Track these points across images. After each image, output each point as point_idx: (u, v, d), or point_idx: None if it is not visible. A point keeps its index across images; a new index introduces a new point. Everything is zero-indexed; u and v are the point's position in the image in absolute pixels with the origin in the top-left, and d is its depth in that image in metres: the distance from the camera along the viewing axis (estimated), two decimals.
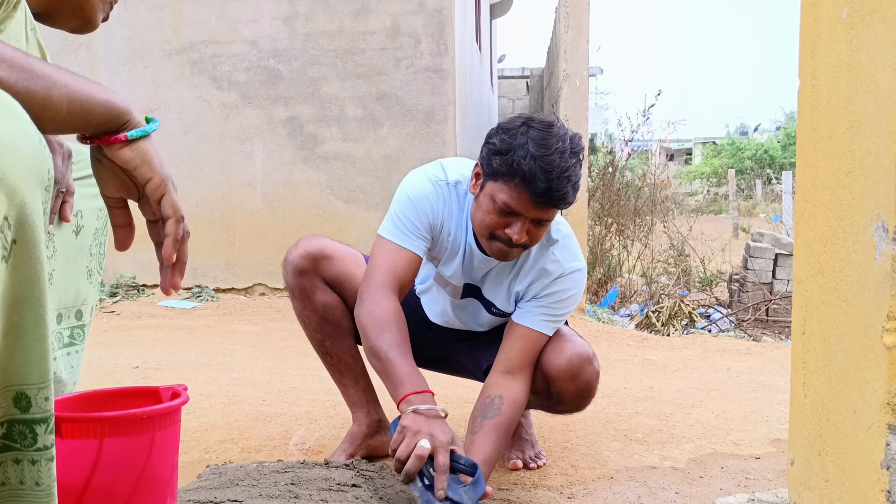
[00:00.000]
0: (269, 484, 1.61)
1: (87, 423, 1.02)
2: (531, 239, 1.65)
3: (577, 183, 1.58)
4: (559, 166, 1.53)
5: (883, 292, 0.90)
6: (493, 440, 1.69)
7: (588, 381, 1.77)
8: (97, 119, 0.88)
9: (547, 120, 1.62)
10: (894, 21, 0.87)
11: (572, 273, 1.78)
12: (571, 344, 1.78)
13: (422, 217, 1.73)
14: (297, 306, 1.99)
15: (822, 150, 1.09)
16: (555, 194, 1.54)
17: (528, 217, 1.60)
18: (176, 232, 0.95)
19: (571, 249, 1.80)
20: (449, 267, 1.84)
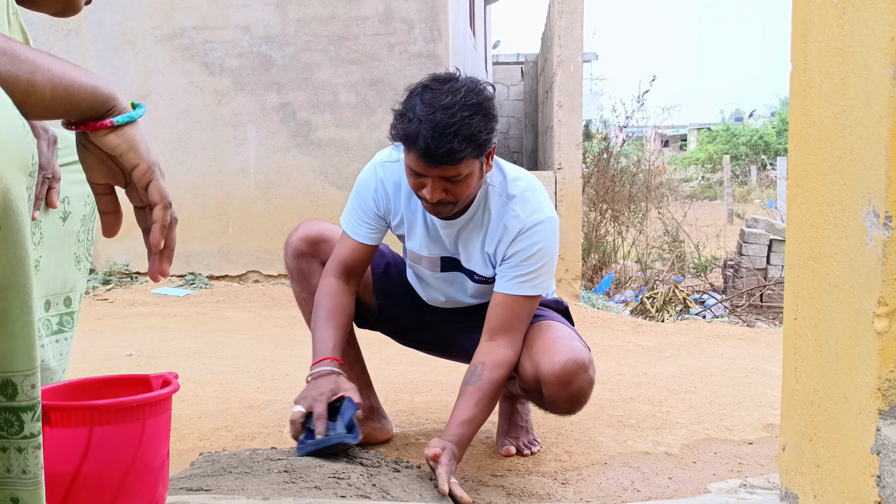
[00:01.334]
0: (262, 472, 1.61)
1: (76, 412, 1.02)
2: (454, 195, 1.66)
3: (471, 135, 1.56)
4: (440, 122, 1.53)
5: (874, 278, 0.90)
6: (472, 403, 1.70)
7: (580, 388, 1.71)
8: (82, 105, 0.87)
9: (445, 76, 1.63)
10: (885, 6, 0.87)
11: (534, 226, 1.75)
12: (568, 349, 1.71)
13: (364, 206, 1.86)
14: (296, 288, 2.02)
15: (814, 135, 1.08)
16: (437, 151, 1.54)
17: (430, 176, 1.62)
18: (163, 218, 0.94)
19: (532, 202, 1.77)
20: (415, 240, 1.87)
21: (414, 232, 1.87)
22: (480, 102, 1.59)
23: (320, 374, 1.72)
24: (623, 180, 8.48)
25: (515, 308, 1.76)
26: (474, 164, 1.63)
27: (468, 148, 1.57)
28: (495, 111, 1.65)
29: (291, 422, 1.67)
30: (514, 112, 12.33)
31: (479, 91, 1.61)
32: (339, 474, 1.59)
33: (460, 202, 1.70)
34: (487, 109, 1.61)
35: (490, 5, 12.05)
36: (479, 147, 1.60)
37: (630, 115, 9.22)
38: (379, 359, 3.00)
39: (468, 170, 1.62)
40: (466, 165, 1.61)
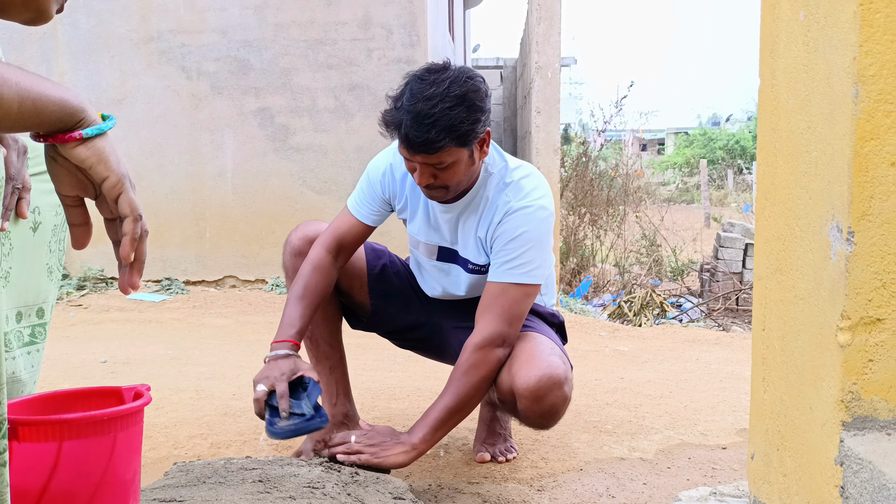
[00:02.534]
0: (236, 481, 1.60)
1: (45, 426, 1.01)
2: (443, 181, 1.70)
3: (450, 126, 1.61)
4: (420, 112, 1.59)
5: (837, 291, 0.92)
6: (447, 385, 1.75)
7: (553, 405, 1.71)
8: (50, 117, 0.86)
9: (437, 66, 1.68)
10: (846, 26, 0.88)
11: (520, 210, 1.77)
12: (546, 364, 1.71)
13: (371, 188, 1.91)
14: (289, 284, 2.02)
15: (781, 150, 1.10)
16: (415, 140, 1.61)
17: (418, 162, 1.68)
18: (133, 231, 0.94)
19: (525, 189, 1.80)
20: (415, 224, 1.91)
21: (415, 217, 1.91)
22: (464, 94, 1.63)
23: (279, 356, 1.75)
24: (601, 184, 8.53)
25: (502, 294, 1.76)
26: (459, 153, 1.67)
27: (446, 138, 1.61)
28: (483, 102, 1.68)
29: (255, 400, 1.69)
30: (494, 116, 12.33)
31: (465, 82, 1.64)
32: (315, 484, 1.59)
33: (451, 188, 1.74)
34: (472, 101, 1.64)
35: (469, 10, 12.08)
36: (461, 137, 1.64)
37: (608, 119, 9.28)
38: (356, 365, 2.99)
39: (452, 158, 1.66)
40: (449, 154, 1.65)
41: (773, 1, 1.13)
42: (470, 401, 1.74)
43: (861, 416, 0.91)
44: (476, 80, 1.68)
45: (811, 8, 0.99)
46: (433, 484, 1.85)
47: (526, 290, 1.76)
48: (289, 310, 1.83)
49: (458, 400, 1.72)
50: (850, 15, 0.88)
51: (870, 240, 0.89)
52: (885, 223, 0.89)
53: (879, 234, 0.89)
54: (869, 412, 0.91)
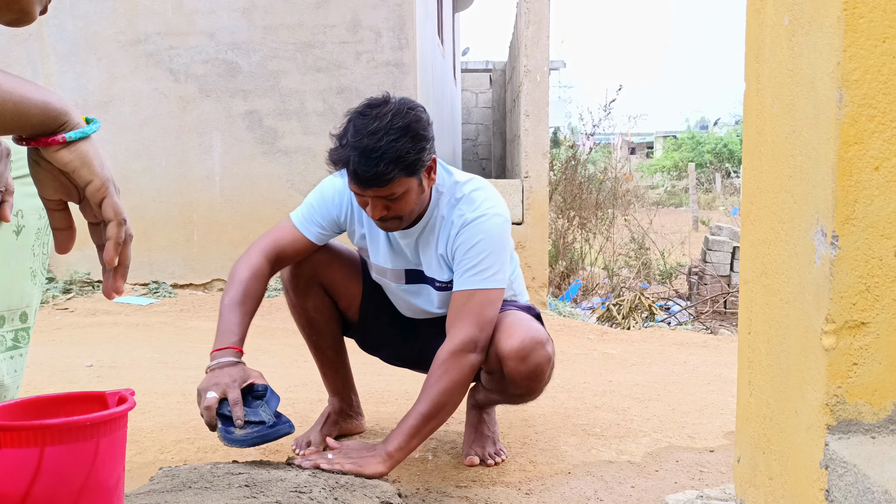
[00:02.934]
0: (222, 486, 1.59)
1: (26, 432, 1.00)
2: (396, 212, 1.74)
3: (398, 157, 1.64)
4: (367, 147, 1.63)
5: (822, 295, 0.92)
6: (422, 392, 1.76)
7: (538, 363, 1.78)
8: (32, 120, 0.85)
9: (377, 101, 1.71)
10: (831, 31, 0.89)
11: (476, 220, 1.80)
12: (526, 328, 1.80)
13: (326, 210, 1.91)
14: (290, 300, 2.06)
15: (766, 154, 1.10)
16: (365, 175, 1.64)
17: (369, 196, 1.70)
18: (117, 235, 0.93)
19: (478, 201, 1.83)
20: (378, 253, 1.93)
21: (377, 246, 1.93)
22: (408, 125, 1.67)
23: (225, 363, 1.72)
24: (590, 187, 8.56)
25: (469, 300, 1.78)
26: (409, 182, 1.71)
27: (395, 169, 1.65)
28: (426, 131, 1.71)
29: (206, 408, 1.65)
30: (483, 119, 12.38)
31: (407, 114, 1.68)
32: (301, 488, 1.58)
33: (405, 217, 1.77)
34: (416, 130, 1.68)
35: (459, 13, 12.09)
36: (409, 167, 1.68)
37: (597, 122, 9.31)
38: None
39: (402, 188, 1.70)
40: (399, 185, 1.69)
41: (758, 6, 1.13)
42: (444, 407, 1.75)
43: (846, 420, 0.91)
44: (417, 110, 1.72)
45: (796, 13, 0.99)
46: (421, 488, 1.85)
47: (490, 295, 1.79)
48: (227, 317, 1.80)
49: (433, 407, 1.73)
50: (834, 20, 0.88)
51: (854, 244, 0.89)
52: (869, 227, 0.89)
53: (863, 238, 0.89)
54: (854, 416, 0.91)
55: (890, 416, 0.92)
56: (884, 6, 0.87)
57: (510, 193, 5.22)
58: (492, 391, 1.98)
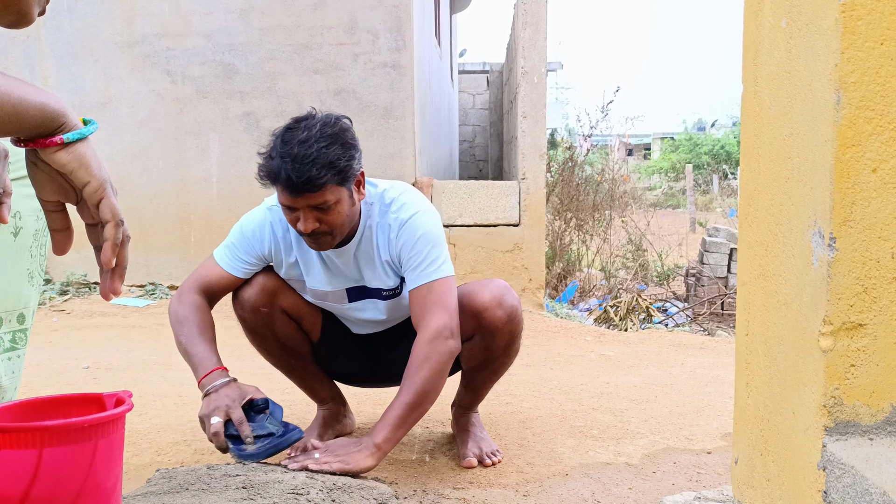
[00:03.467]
0: (219, 488, 1.59)
1: (25, 433, 1.00)
2: (328, 225, 1.75)
3: (329, 163, 1.68)
4: (298, 154, 1.66)
5: (819, 297, 0.92)
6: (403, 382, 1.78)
7: (512, 305, 1.90)
8: (30, 122, 0.85)
9: (303, 116, 1.76)
10: (828, 33, 0.89)
11: (410, 218, 1.85)
12: (487, 282, 1.93)
13: (248, 245, 1.93)
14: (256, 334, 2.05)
15: (764, 156, 1.10)
16: (298, 181, 1.66)
17: (300, 207, 1.72)
18: (115, 236, 0.93)
19: (406, 203, 1.89)
20: (315, 278, 1.95)
21: (312, 270, 1.95)
22: (336, 133, 1.71)
23: (218, 385, 1.75)
24: (587, 189, 8.56)
25: (430, 292, 1.83)
26: (340, 192, 1.73)
27: (328, 174, 1.67)
28: (354, 140, 1.76)
29: (214, 434, 1.69)
30: (480, 121, 12.39)
31: (335, 124, 1.73)
32: (299, 490, 1.58)
33: (336, 231, 1.79)
34: (345, 139, 1.72)
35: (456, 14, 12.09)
36: (340, 173, 1.70)
37: (594, 124, 9.32)
38: None
39: (334, 197, 1.72)
40: (331, 192, 1.71)
41: (755, 8, 1.13)
42: (428, 395, 1.76)
43: (843, 421, 0.92)
44: (343, 121, 1.77)
45: (793, 15, 0.99)
46: (418, 489, 1.85)
47: (448, 283, 1.85)
48: (197, 348, 1.83)
49: (416, 395, 1.74)
50: (831, 22, 0.89)
51: (851, 245, 0.90)
52: (867, 229, 0.89)
53: (861, 240, 0.90)
54: (851, 417, 0.92)
55: (888, 418, 0.92)
56: (882, 8, 0.87)
57: (507, 195, 5.22)
58: (475, 366, 2.01)
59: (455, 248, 5.20)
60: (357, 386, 2.29)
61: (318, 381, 2.20)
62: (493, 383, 2.11)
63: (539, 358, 3.73)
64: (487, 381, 2.08)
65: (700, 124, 37.88)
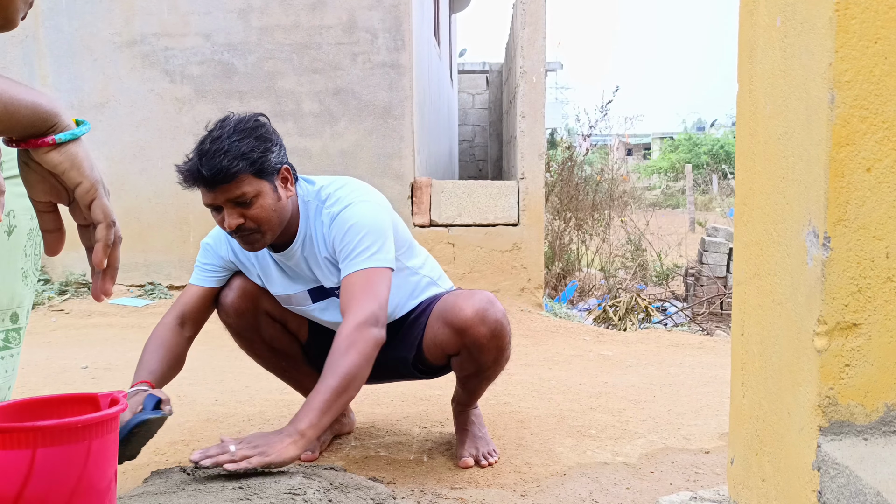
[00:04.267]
0: (216, 488, 1.59)
1: (18, 433, 1.00)
2: (253, 220, 1.74)
3: (242, 154, 1.68)
4: (208, 150, 1.68)
5: (814, 297, 0.92)
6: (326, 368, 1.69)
7: (497, 320, 1.84)
8: (23, 122, 0.85)
9: (223, 118, 1.77)
10: (823, 32, 0.89)
11: (342, 210, 1.83)
12: (469, 295, 1.88)
13: (214, 258, 1.97)
14: (246, 341, 2.07)
15: (759, 155, 1.10)
16: (209, 173, 1.67)
17: (220, 203, 1.72)
18: (106, 237, 0.93)
19: (340, 197, 1.86)
20: (275, 284, 1.96)
21: (270, 277, 1.96)
22: (249, 128, 1.72)
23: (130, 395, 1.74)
24: (587, 189, 8.56)
25: (357, 281, 1.76)
26: (259, 184, 1.73)
27: (240, 164, 1.68)
28: (271, 135, 1.76)
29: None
30: (479, 120, 12.38)
31: (249, 121, 1.75)
32: (295, 490, 1.58)
33: (264, 227, 1.77)
34: (260, 133, 1.73)
35: (455, 14, 12.09)
36: (254, 164, 1.70)
37: (594, 124, 9.32)
38: None
39: (252, 189, 1.72)
40: (248, 184, 1.71)
41: (750, 7, 1.13)
42: (353, 381, 1.67)
43: (838, 421, 0.91)
44: (259, 118, 1.77)
45: (788, 14, 0.99)
46: (416, 489, 1.85)
47: (379, 273, 1.78)
48: (141, 360, 1.87)
49: (342, 381, 1.65)
50: (826, 21, 0.88)
51: (846, 245, 0.89)
52: (861, 228, 0.89)
53: (855, 240, 0.89)
54: (846, 417, 0.91)
55: (882, 418, 0.92)
56: (875, 7, 0.87)
57: (506, 195, 5.22)
58: (468, 375, 2.00)
59: (454, 248, 5.19)
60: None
61: (312, 382, 2.14)
62: (488, 385, 2.10)
63: (537, 358, 3.72)
64: (482, 386, 2.07)
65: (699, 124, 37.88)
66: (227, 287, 1.98)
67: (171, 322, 1.94)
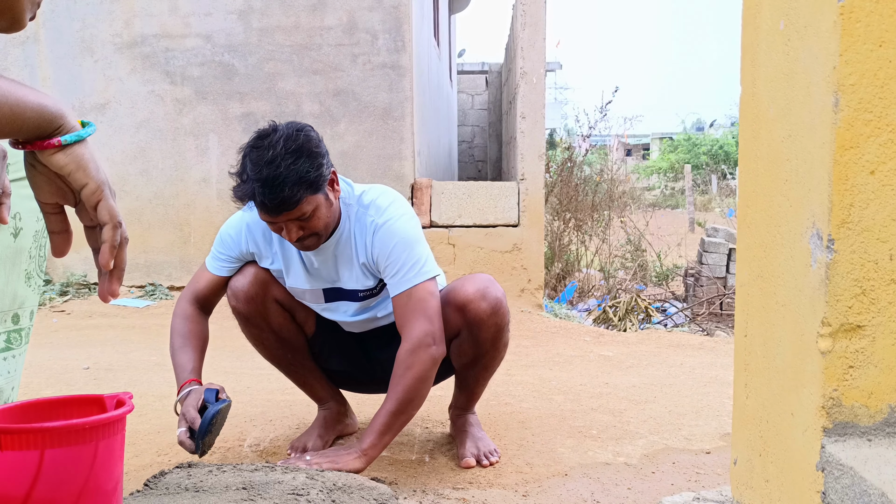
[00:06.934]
0: (219, 489, 1.59)
1: (27, 434, 1.00)
2: (311, 229, 1.81)
3: (300, 179, 1.72)
4: (268, 177, 1.70)
5: (818, 299, 0.92)
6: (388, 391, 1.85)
7: (497, 297, 1.92)
8: (29, 124, 0.85)
9: (265, 131, 1.78)
10: (827, 35, 0.89)
11: (384, 224, 1.89)
12: (472, 277, 1.97)
13: (230, 251, 2.00)
14: (252, 327, 2.07)
15: (762, 158, 1.11)
16: (273, 203, 1.71)
17: (282, 223, 1.78)
18: (113, 238, 0.93)
19: (382, 206, 1.93)
20: (295, 277, 1.99)
21: (292, 269, 1.99)
22: (301, 146, 1.74)
23: (182, 398, 1.84)
24: (586, 189, 8.55)
25: (410, 299, 1.86)
26: (317, 199, 1.78)
27: (300, 190, 1.72)
28: (318, 147, 1.79)
29: (180, 443, 1.77)
30: (479, 121, 12.39)
31: (297, 136, 1.76)
32: (299, 491, 1.59)
33: (322, 233, 1.84)
34: (310, 149, 1.76)
35: (455, 15, 12.10)
36: (312, 185, 1.75)
37: (593, 124, 9.32)
38: None
39: (311, 206, 1.77)
40: (308, 203, 1.76)
41: (753, 10, 1.14)
42: (411, 402, 1.83)
43: (842, 423, 0.92)
44: (305, 129, 1.80)
45: (791, 17, 0.99)
46: (418, 489, 1.85)
47: (427, 287, 1.87)
48: (177, 360, 1.93)
49: (399, 403, 1.82)
50: (830, 24, 0.89)
51: (850, 247, 0.90)
52: (865, 231, 0.90)
53: (859, 242, 0.90)
54: (850, 418, 0.92)
55: (886, 419, 0.92)
56: (880, 10, 0.87)
57: (506, 196, 5.22)
58: (466, 364, 2.02)
59: (454, 249, 5.20)
60: (355, 390, 2.29)
61: (316, 380, 2.20)
62: (486, 381, 2.11)
63: (538, 358, 3.73)
64: (480, 379, 2.08)
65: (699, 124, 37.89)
66: (239, 273, 2.02)
67: (186, 308, 2.00)
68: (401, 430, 1.87)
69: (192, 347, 1.94)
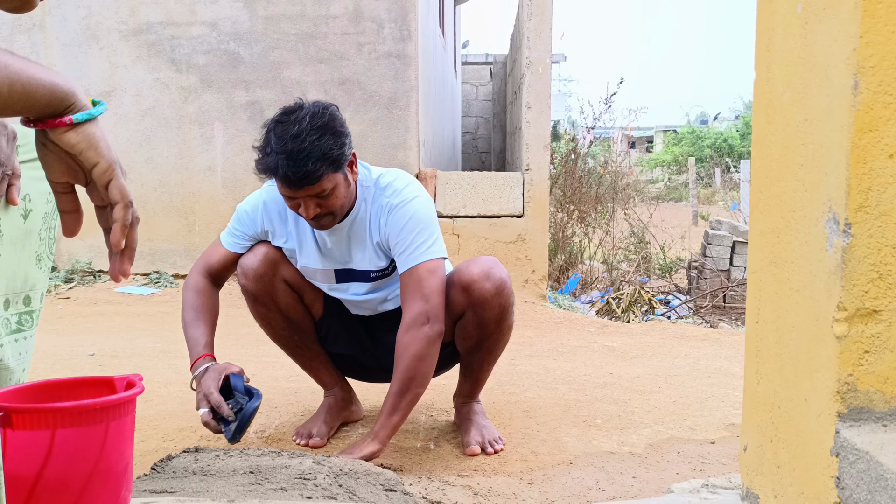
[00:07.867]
0: (227, 473, 1.59)
1: (39, 414, 1.00)
2: (328, 208, 1.84)
3: (323, 155, 1.75)
4: (293, 150, 1.72)
5: (834, 283, 0.92)
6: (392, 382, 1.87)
7: (501, 278, 1.95)
8: (40, 101, 0.85)
9: (292, 107, 1.81)
10: (847, 17, 0.88)
11: (400, 203, 1.93)
12: (479, 258, 1.99)
13: (245, 229, 2.04)
14: (260, 306, 2.08)
15: (777, 143, 1.10)
16: (296, 176, 1.74)
17: (300, 198, 1.80)
18: (124, 217, 0.93)
19: (398, 188, 1.96)
20: (308, 256, 2.01)
21: (305, 248, 2.01)
22: (326, 123, 1.77)
23: (199, 374, 1.86)
24: (590, 181, 8.53)
25: (411, 277, 1.90)
26: (336, 178, 1.81)
27: (323, 166, 1.75)
28: (342, 127, 1.82)
29: (205, 423, 1.80)
30: (483, 112, 12.36)
31: (323, 114, 1.79)
32: (306, 475, 1.59)
33: (337, 212, 1.87)
34: (334, 127, 1.79)
35: (460, 5, 12.05)
36: (334, 162, 1.78)
37: (598, 116, 9.28)
38: None
39: (331, 183, 1.80)
40: (329, 180, 1.78)
41: None
42: (412, 380, 1.85)
43: (857, 408, 0.91)
44: (331, 108, 1.83)
45: (810, 0, 0.99)
46: (424, 476, 1.85)
47: (429, 265, 1.90)
48: (189, 334, 1.96)
49: (401, 383, 1.85)
50: (850, 6, 0.88)
51: (867, 231, 0.89)
52: (883, 215, 0.89)
53: (877, 226, 0.89)
54: (865, 403, 0.91)
55: None
56: None
57: (511, 186, 5.21)
58: (471, 347, 2.03)
59: (458, 239, 5.19)
60: (360, 377, 2.29)
61: (322, 364, 2.21)
62: (490, 366, 2.11)
63: (542, 348, 3.73)
64: (485, 363, 2.08)
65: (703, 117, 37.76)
66: (250, 251, 2.04)
67: (199, 281, 2.03)
68: (410, 411, 1.89)
69: (205, 321, 1.97)
